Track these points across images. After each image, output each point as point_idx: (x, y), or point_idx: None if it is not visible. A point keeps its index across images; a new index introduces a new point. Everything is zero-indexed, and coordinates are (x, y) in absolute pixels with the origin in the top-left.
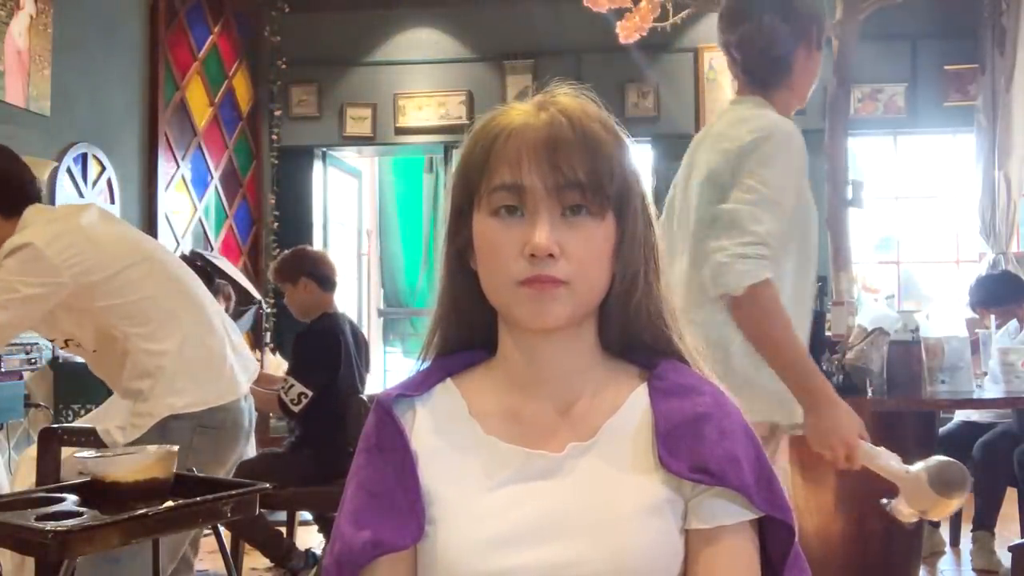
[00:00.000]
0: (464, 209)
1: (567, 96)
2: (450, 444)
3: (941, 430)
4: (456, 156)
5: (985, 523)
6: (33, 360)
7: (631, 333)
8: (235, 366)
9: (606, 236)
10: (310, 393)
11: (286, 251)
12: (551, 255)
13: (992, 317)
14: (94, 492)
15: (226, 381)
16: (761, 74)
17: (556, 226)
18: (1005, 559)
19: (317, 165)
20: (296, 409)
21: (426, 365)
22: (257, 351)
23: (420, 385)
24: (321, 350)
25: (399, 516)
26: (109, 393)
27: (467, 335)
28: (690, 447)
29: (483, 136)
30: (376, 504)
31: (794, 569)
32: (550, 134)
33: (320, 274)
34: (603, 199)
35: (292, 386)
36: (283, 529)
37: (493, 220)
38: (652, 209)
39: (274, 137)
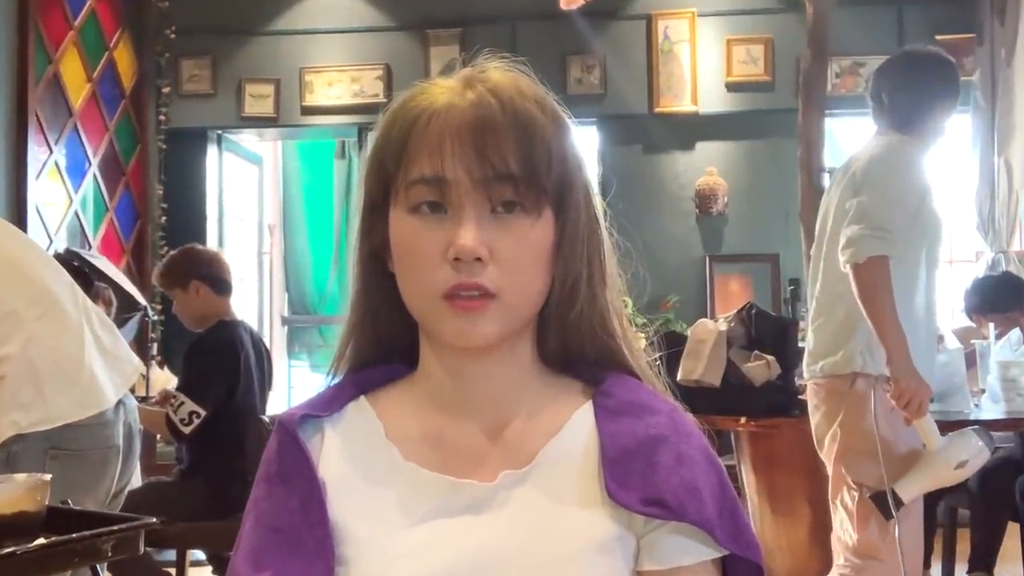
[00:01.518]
0: (379, 202)
1: (498, 71)
2: (364, 472)
3: None
4: (371, 140)
5: (983, 563)
6: None
7: (573, 345)
8: (99, 371)
9: (543, 236)
10: (203, 412)
11: (174, 251)
12: (479, 259)
13: (991, 326)
14: None
15: (84, 390)
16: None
17: (484, 225)
18: None
19: (211, 150)
20: (187, 431)
21: (337, 381)
22: (172, 400)
23: (330, 404)
24: (216, 363)
25: (304, 556)
26: None
27: (384, 347)
28: (642, 475)
29: (400, 118)
30: (278, 541)
31: None
32: (477, 116)
33: (213, 276)
34: (539, 193)
35: (182, 404)
36: (172, 571)
37: (411, 218)
38: (597, 202)
39: (162, 118)
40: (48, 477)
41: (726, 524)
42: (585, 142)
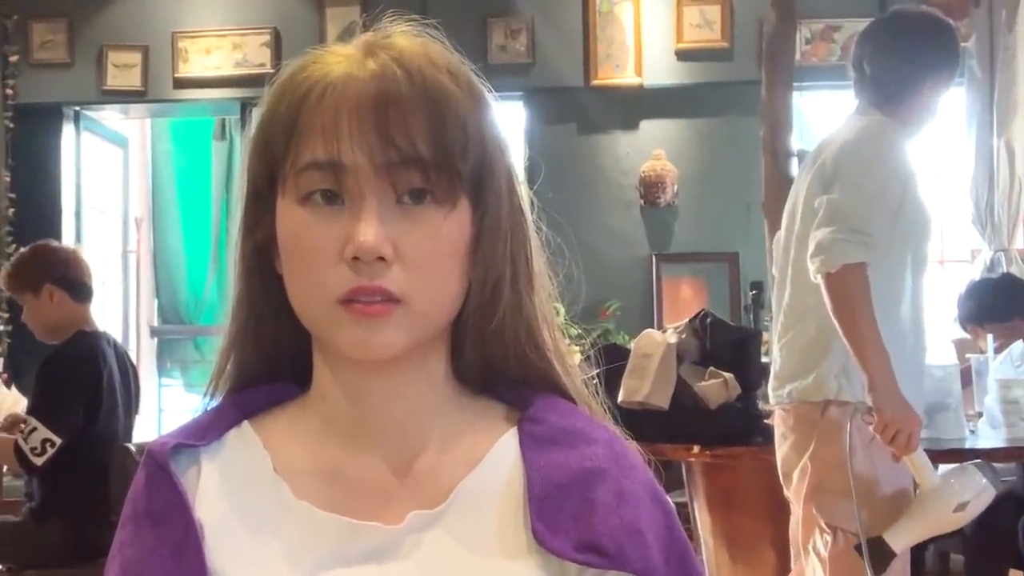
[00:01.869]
0: (264, 191)
1: (405, 36)
2: (248, 512)
3: None
4: (255, 118)
5: None
6: None
7: (494, 360)
8: None
9: (458, 230)
10: (58, 441)
11: (24, 249)
12: (381, 258)
13: (989, 337)
14: None
15: None
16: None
17: (388, 218)
18: None
19: (67, 129)
20: (39, 461)
21: (216, 403)
22: (22, 425)
23: (207, 431)
24: (73, 382)
25: None
26: None
27: (272, 362)
28: (576, 516)
29: (289, 91)
30: None
31: None
32: (380, 89)
33: (71, 279)
34: (453, 180)
35: (34, 430)
36: None
37: (302, 210)
38: (523, 191)
39: (9, 92)
40: None
41: (674, 572)
42: (509, 120)
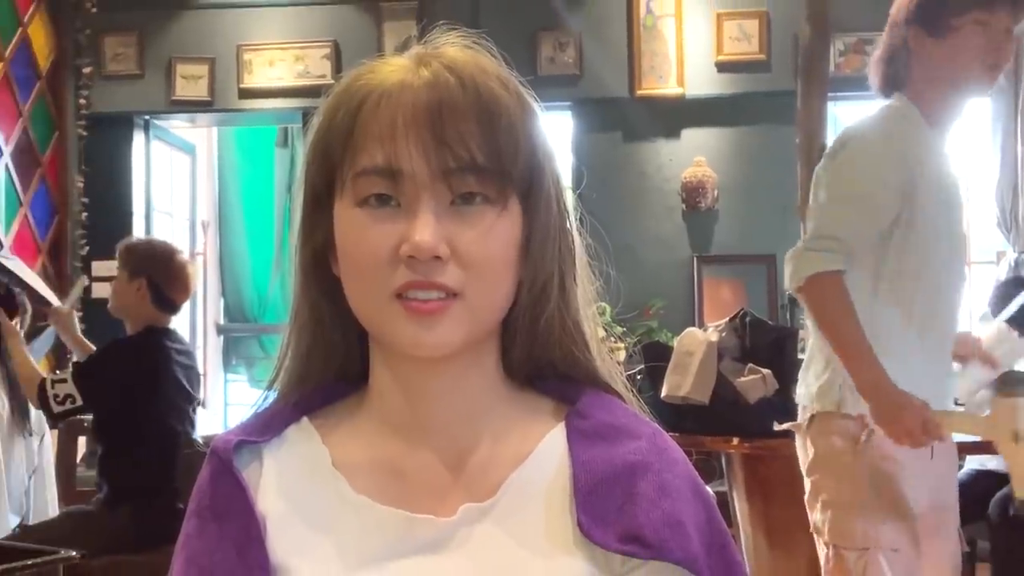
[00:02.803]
0: (323, 196)
1: (455, 48)
2: (308, 507)
3: None
4: (313, 127)
5: None
6: None
7: (542, 357)
8: None
9: (509, 230)
10: (80, 402)
11: (156, 237)
12: (437, 257)
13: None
14: None
15: None
16: None
17: (443, 219)
18: None
19: (138, 138)
20: (56, 410)
21: (276, 400)
22: (57, 371)
23: (268, 427)
24: (124, 368)
25: None
26: None
27: (330, 361)
28: (620, 509)
29: (346, 100)
30: None
31: None
32: (433, 98)
33: (163, 289)
34: (505, 182)
35: (64, 381)
36: None
37: (359, 212)
38: (568, 196)
39: (82, 102)
40: None
41: (714, 562)
42: (558, 129)
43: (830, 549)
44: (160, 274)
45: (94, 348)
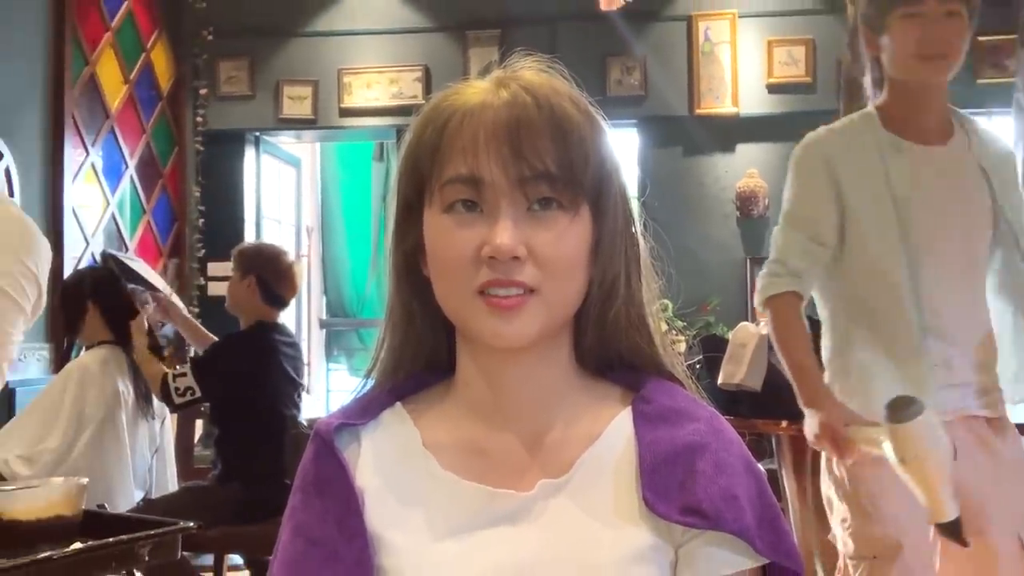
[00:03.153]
0: (413, 204)
1: (531, 71)
2: (401, 482)
3: None
4: (404, 144)
5: None
6: None
7: (610, 348)
8: None
9: (581, 234)
10: (199, 394)
11: (267, 240)
12: (515, 257)
13: None
14: None
15: None
16: None
17: (521, 223)
18: None
19: (249, 152)
20: (178, 401)
21: (372, 387)
22: (178, 366)
23: (366, 412)
24: (237, 361)
25: (342, 568)
26: None
27: (421, 352)
28: (680, 485)
29: (433, 119)
30: (315, 554)
31: None
32: (512, 115)
33: (271, 286)
34: (577, 191)
35: (184, 375)
36: (209, 575)
37: (446, 217)
38: (633, 206)
39: (199, 120)
40: (85, 481)
41: (765, 532)
42: (625, 144)
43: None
44: (269, 274)
45: (199, 326)
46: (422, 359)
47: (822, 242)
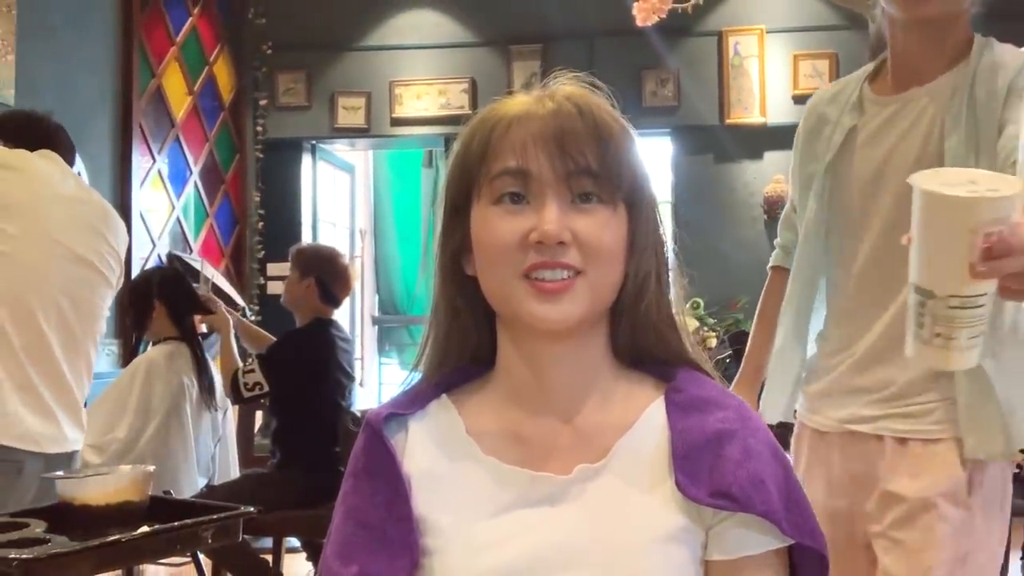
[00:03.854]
0: (460, 207)
1: (572, 84)
2: (446, 467)
3: None
4: (452, 153)
5: None
6: None
7: (642, 340)
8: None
9: (619, 227)
10: (267, 388)
11: (324, 243)
12: (561, 243)
13: None
14: (62, 517)
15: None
16: None
17: (566, 213)
18: None
19: (306, 159)
20: (246, 395)
21: (420, 380)
22: (247, 363)
23: (413, 402)
24: (297, 356)
25: (390, 549)
26: None
27: (465, 346)
28: (711, 469)
29: (480, 128)
30: (365, 536)
31: None
32: (557, 123)
33: (329, 286)
34: (614, 188)
35: (253, 371)
36: (269, 558)
37: (495, 208)
38: (660, 213)
39: (259, 129)
40: (152, 468)
41: (791, 515)
42: (659, 152)
43: None
44: (326, 273)
45: (257, 329)
46: (466, 353)
47: (798, 219)
